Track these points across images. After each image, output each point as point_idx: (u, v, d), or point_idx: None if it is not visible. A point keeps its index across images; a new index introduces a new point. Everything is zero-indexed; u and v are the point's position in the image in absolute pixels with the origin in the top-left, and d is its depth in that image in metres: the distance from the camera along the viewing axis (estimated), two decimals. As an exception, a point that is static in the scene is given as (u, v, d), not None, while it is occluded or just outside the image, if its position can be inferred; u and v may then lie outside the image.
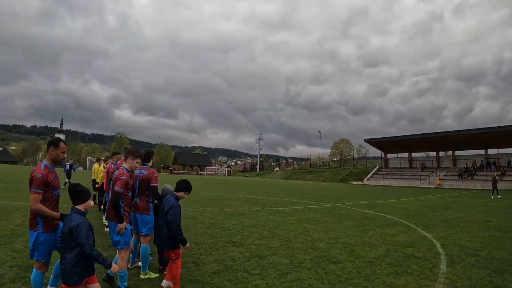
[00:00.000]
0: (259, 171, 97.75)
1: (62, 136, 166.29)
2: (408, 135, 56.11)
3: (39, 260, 4.09)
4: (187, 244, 5.03)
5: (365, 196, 25.49)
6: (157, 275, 5.72)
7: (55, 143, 4.24)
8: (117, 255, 5.15)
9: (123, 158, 6.48)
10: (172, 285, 5.00)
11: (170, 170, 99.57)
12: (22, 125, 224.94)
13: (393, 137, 58.54)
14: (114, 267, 3.90)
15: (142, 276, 5.63)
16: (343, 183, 57.63)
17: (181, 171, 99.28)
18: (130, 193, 5.39)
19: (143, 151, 5.98)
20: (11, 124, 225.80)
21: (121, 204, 5.14)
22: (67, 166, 22.32)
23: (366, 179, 57.29)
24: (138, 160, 5.60)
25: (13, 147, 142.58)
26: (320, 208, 16.07)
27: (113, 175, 5.72)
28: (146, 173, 5.87)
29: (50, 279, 4.46)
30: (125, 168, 5.42)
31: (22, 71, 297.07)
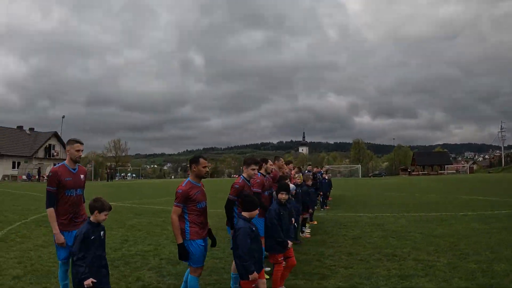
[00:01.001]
0: (504, 166, 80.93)
1: (305, 148, 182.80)
2: None
3: (190, 265, 4.43)
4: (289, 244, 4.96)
5: None
6: (266, 277, 5.51)
7: (195, 160, 4.52)
8: None
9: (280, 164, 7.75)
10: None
11: (409, 172, 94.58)
12: (269, 142, 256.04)
13: None
14: (254, 276, 3.99)
15: None
16: None
17: (420, 172, 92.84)
18: None
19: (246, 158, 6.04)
20: (259, 143, 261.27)
21: (236, 211, 5.24)
22: None
23: None
24: (253, 167, 5.58)
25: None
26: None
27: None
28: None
29: None
30: (243, 177, 5.53)
31: (263, 95, 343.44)
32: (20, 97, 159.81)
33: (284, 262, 5.00)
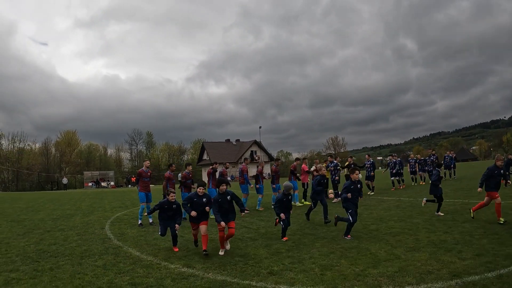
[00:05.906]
0: None
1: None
2: None
3: None
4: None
5: None
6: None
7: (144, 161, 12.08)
8: None
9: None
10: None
11: None
12: (500, 119, 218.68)
13: None
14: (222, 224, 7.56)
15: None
16: None
17: None
18: None
19: None
20: (489, 121, 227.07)
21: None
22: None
23: None
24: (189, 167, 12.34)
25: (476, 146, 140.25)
26: None
27: None
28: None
29: None
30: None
31: (486, 67, 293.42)
32: (250, 110, 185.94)
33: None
